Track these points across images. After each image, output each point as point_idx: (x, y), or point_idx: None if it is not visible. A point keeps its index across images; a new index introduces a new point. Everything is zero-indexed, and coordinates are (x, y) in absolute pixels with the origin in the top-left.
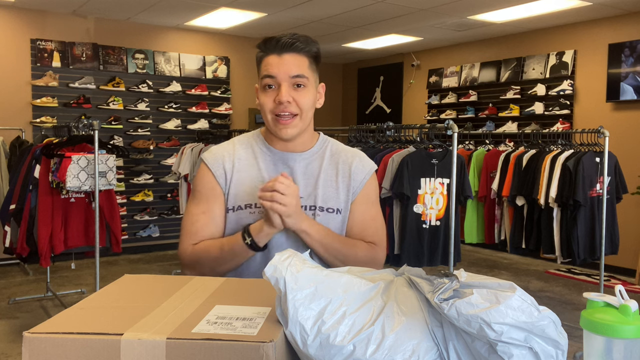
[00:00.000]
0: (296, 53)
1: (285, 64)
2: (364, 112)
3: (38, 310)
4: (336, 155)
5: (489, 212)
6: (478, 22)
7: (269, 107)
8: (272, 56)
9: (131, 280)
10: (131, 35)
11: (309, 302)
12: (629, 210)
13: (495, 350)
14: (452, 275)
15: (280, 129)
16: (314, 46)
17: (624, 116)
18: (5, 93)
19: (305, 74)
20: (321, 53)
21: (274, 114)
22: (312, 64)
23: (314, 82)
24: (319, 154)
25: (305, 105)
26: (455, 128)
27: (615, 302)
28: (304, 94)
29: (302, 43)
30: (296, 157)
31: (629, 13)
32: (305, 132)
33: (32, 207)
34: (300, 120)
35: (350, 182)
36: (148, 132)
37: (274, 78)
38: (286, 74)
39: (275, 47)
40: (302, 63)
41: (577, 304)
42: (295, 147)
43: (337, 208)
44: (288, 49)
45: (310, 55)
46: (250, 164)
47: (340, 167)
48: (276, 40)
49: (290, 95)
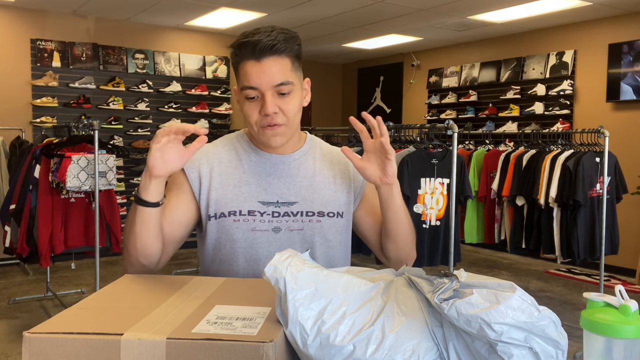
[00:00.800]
0: (277, 56)
1: (266, 72)
2: (364, 112)
3: (38, 310)
4: (328, 154)
5: (489, 212)
6: (478, 22)
7: (254, 119)
8: (250, 62)
9: (131, 280)
10: (131, 35)
11: (309, 302)
12: (629, 210)
13: (495, 350)
14: (452, 275)
15: (268, 138)
16: (295, 42)
17: (624, 116)
18: (5, 93)
19: (290, 78)
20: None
21: (259, 126)
22: (295, 62)
23: (298, 84)
24: (310, 154)
25: (291, 112)
26: (455, 128)
27: (615, 302)
28: (290, 100)
29: (282, 43)
30: (285, 159)
31: (629, 13)
32: (293, 135)
33: (32, 207)
34: (287, 128)
35: (351, 183)
36: (148, 132)
37: (256, 89)
38: (269, 83)
39: (252, 52)
40: (285, 66)
41: (577, 304)
42: (284, 149)
43: (337, 212)
44: (268, 52)
45: (293, 55)
46: (234, 167)
47: (336, 167)
48: (253, 44)
49: (276, 105)
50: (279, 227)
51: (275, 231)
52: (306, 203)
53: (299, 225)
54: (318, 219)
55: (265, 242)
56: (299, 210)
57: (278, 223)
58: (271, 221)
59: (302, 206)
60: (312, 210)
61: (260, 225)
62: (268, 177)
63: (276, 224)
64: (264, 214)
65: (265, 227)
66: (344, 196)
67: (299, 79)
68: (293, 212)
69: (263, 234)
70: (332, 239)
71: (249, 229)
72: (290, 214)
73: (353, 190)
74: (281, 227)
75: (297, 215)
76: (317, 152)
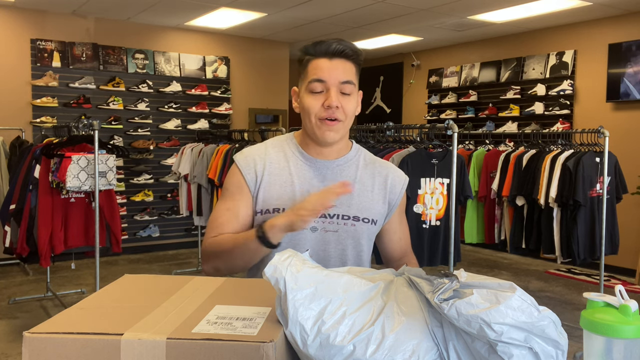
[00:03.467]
0: (346, 59)
1: (335, 69)
2: (364, 112)
3: (38, 310)
4: (371, 165)
5: (489, 212)
6: (478, 22)
7: (315, 111)
8: (323, 60)
9: (131, 280)
10: (131, 35)
11: (309, 302)
12: (629, 210)
13: (495, 350)
14: (452, 275)
15: (324, 132)
16: (360, 56)
17: (624, 116)
18: (5, 93)
19: (353, 80)
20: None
21: (319, 118)
22: (357, 72)
23: (357, 90)
24: (353, 162)
25: (350, 111)
26: (455, 128)
27: (615, 302)
28: (350, 100)
29: (351, 50)
30: (329, 164)
31: (629, 13)
32: (343, 139)
33: (32, 207)
34: (343, 126)
35: (387, 194)
36: (148, 132)
37: (324, 82)
38: (336, 79)
39: (326, 51)
40: (351, 70)
41: (577, 304)
42: (330, 153)
43: (372, 219)
44: (339, 54)
45: (357, 64)
46: (282, 168)
47: (377, 178)
48: (327, 44)
49: (339, 101)
50: (315, 227)
51: (312, 230)
52: (343, 207)
53: (334, 227)
54: (353, 223)
55: (302, 239)
56: (336, 214)
57: (315, 223)
58: None
59: (340, 210)
60: (348, 215)
61: None
62: (312, 180)
63: (314, 224)
64: None
65: None
66: (380, 206)
67: (357, 87)
68: (330, 214)
69: (301, 232)
70: (363, 243)
71: None
72: (328, 216)
73: (388, 202)
74: (318, 227)
75: (333, 217)
76: (360, 161)
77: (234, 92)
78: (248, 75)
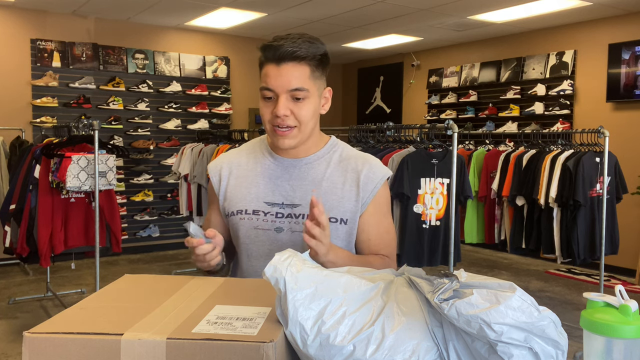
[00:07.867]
0: (296, 62)
1: (283, 76)
2: (364, 112)
3: (38, 310)
4: (345, 161)
5: (489, 212)
6: (478, 22)
7: (267, 118)
8: (271, 66)
9: (131, 280)
10: (131, 35)
11: (309, 302)
12: (629, 210)
13: (495, 350)
14: (452, 275)
15: (277, 139)
16: (319, 50)
17: (624, 116)
18: (5, 93)
19: (305, 85)
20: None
21: (272, 125)
22: (316, 71)
23: (316, 91)
24: (324, 159)
25: (304, 117)
26: (455, 128)
27: (615, 302)
28: (303, 105)
29: (303, 50)
30: (297, 163)
31: (629, 13)
32: (308, 139)
33: (32, 207)
34: (299, 132)
35: (359, 192)
36: (148, 132)
37: (272, 91)
38: (284, 87)
39: (273, 56)
40: (303, 73)
41: (577, 304)
42: (298, 152)
43: (341, 218)
44: (288, 58)
45: (313, 63)
46: (250, 169)
47: (349, 175)
48: (274, 48)
49: (288, 108)
50: (281, 228)
51: (277, 231)
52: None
53: (300, 227)
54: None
55: (267, 240)
56: (302, 213)
57: (281, 224)
58: (274, 221)
59: (305, 209)
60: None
61: (262, 224)
62: (277, 180)
63: (279, 224)
64: (268, 214)
65: (268, 226)
66: (351, 204)
67: (318, 86)
68: (296, 214)
69: (265, 232)
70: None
71: (252, 227)
72: (293, 215)
73: (361, 200)
74: (283, 227)
75: (299, 217)
76: (333, 158)
77: (234, 92)
78: (248, 75)
